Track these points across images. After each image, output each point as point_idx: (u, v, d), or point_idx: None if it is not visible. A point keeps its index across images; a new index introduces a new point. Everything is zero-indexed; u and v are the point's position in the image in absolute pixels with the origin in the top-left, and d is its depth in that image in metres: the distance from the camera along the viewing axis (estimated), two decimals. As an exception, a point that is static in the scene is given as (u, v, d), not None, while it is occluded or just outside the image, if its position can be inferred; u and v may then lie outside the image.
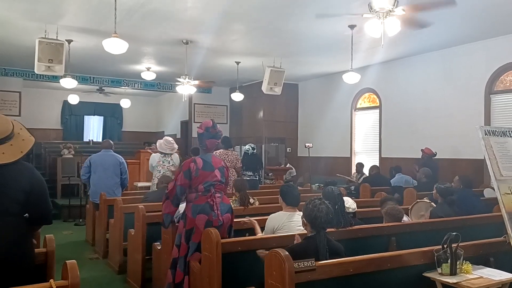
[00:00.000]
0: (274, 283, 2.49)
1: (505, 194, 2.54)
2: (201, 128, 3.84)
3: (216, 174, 3.77)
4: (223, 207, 3.75)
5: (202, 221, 3.62)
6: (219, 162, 3.89)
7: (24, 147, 2.45)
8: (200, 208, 3.66)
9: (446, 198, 4.73)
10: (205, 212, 3.65)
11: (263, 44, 8.26)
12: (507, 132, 2.89)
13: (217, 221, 3.64)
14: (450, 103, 8.36)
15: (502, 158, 2.72)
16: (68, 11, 6.50)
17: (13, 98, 11.35)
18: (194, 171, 3.70)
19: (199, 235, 3.57)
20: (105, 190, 6.55)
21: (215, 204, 3.68)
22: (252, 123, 12.88)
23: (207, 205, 3.67)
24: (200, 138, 3.86)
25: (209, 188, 3.71)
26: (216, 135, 3.87)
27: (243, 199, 5.09)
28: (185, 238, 3.68)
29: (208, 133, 3.82)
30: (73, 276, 2.12)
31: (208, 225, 3.58)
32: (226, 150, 7.28)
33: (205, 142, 3.83)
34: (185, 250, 3.67)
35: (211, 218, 3.63)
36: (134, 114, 16.96)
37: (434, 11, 5.63)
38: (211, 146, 3.87)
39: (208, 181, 3.72)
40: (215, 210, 3.66)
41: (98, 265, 5.95)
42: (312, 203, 2.99)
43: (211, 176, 3.74)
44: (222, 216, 3.69)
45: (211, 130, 3.84)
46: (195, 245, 3.61)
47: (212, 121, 3.89)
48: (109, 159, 6.85)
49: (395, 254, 3.00)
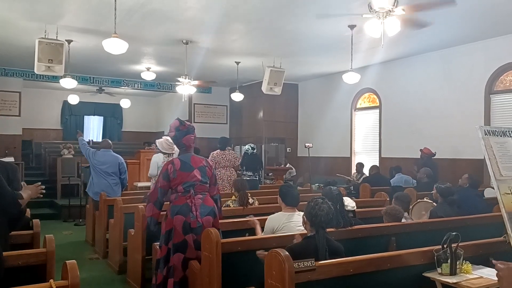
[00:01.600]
0: (274, 283, 2.49)
1: (505, 194, 2.54)
2: (172, 131, 3.83)
3: (195, 174, 3.72)
4: (203, 209, 3.68)
5: (179, 222, 3.59)
6: (200, 161, 3.84)
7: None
8: (178, 209, 3.63)
9: (446, 198, 4.73)
10: (182, 213, 3.61)
11: (263, 44, 8.26)
12: (507, 132, 2.89)
13: (195, 223, 3.60)
14: (450, 103, 8.36)
15: (502, 158, 2.72)
16: (68, 11, 6.50)
17: (13, 98, 11.34)
18: (172, 172, 3.67)
19: (178, 236, 3.56)
20: (104, 189, 6.58)
21: (193, 205, 3.63)
22: (252, 123, 12.88)
23: (185, 206, 3.63)
24: (175, 140, 3.84)
25: (189, 189, 3.67)
26: (188, 131, 3.84)
27: (242, 199, 5.08)
28: (165, 239, 3.66)
29: (179, 132, 3.81)
30: (73, 276, 2.12)
31: (186, 226, 3.57)
32: (223, 151, 7.28)
33: (182, 142, 3.81)
34: (165, 251, 3.64)
35: (188, 220, 3.59)
36: (134, 114, 16.96)
37: (433, 11, 5.63)
38: (189, 142, 3.83)
39: (187, 181, 3.68)
40: (193, 211, 3.61)
41: (98, 265, 5.95)
42: (314, 201, 3.02)
43: (190, 177, 3.70)
44: (202, 218, 3.63)
45: (180, 128, 3.83)
46: (175, 246, 3.59)
47: (178, 120, 3.89)
48: (109, 159, 6.86)
49: (395, 254, 3.00)
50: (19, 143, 11.73)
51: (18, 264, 2.63)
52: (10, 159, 10.00)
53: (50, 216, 9.46)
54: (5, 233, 2.55)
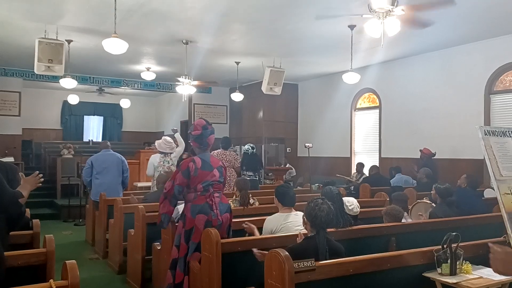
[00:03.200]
0: (274, 283, 2.49)
1: (505, 194, 2.54)
2: (198, 130, 3.82)
3: (215, 174, 3.78)
4: (222, 207, 3.75)
5: (201, 221, 3.62)
6: (217, 162, 3.91)
7: None
8: (199, 208, 3.65)
9: (445, 198, 4.73)
10: (204, 212, 3.64)
11: (263, 44, 8.26)
12: (507, 132, 2.89)
13: (217, 221, 3.65)
14: (449, 103, 8.36)
15: (501, 158, 2.72)
16: (68, 11, 6.50)
17: (13, 98, 11.34)
18: (193, 170, 3.69)
19: (198, 235, 3.56)
20: (109, 189, 6.56)
21: (214, 203, 3.68)
22: (252, 123, 12.88)
23: (207, 205, 3.67)
24: (200, 138, 3.83)
25: (208, 187, 3.71)
26: (213, 131, 3.90)
27: (243, 199, 5.08)
28: (184, 238, 3.68)
29: (206, 131, 3.83)
30: (73, 276, 2.12)
31: (208, 225, 3.58)
32: (224, 150, 7.27)
33: (206, 141, 3.83)
34: (185, 251, 3.66)
35: (210, 218, 3.63)
36: (134, 114, 16.97)
37: (433, 11, 5.64)
38: (211, 142, 3.89)
39: (207, 180, 3.72)
40: (214, 210, 3.66)
41: (97, 265, 5.95)
42: (314, 202, 3.02)
43: (210, 176, 3.74)
44: (221, 216, 3.70)
45: (208, 127, 3.86)
46: (194, 244, 3.61)
47: (204, 119, 3.92)
48: (111, 158, 6.88)
49: (395, 254, 3.00)
50: (19, 143, 11.74)
51: (18, 264, 2.63)
52: (10, 159, 10.01)
53: (50, 216, 9.46)
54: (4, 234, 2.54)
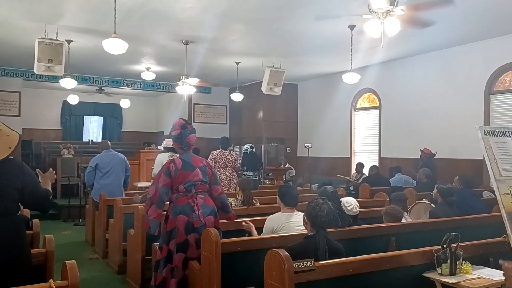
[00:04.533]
0: (274, 283, 2.49)
1: (505, 194, 2.54)
2: (177, 129, 3.80)
3: (197, 174, 3.73)
4: (205, 209, 3.69)
5: (182, 222, 3.59)
6: (200, 161, 3.87)
7: (11, 143, 2.46)
8: (180, 209, 3.62)
9: (446, 198, 4.73)
10: (185, 213, 3.61)
11: (263, 44, 8.26)
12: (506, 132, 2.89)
13: (198, 223, 3.61)
14: (449, 103, 8.36)
15: (501, 158, 2.72)
16: (68, 11, 6.50)
17: (12, 98, 11.33)
18: (174, 171, 3.67)
19: (180, 236, 3.56)
20: (114, 190, 6.56)
21: (196, 205, 3.64)
22: (252, 123, 12.88)
23: (188, 206, 3.63)
24: (180, 138, 3.80)
25: (190, 188, 3.68)
26: (192, 130, 3.86)
27: (247, 199, 5.09)
28: (165, 239, 3.66)
29: (185, 130, 3.80)
30: (73, 276, 2.12)
31: (188, 226, 3.57)
32: (223, 150, 7.28)
33: (186, 141, 3.80)
34: (166, 252, 3.64)
35: (191, 219, 3.60)
36: (134, 114, 16.95)
37: (433, 11, 5.64)
38: (192, 141, 3.84)
39: (189, 180, 3.69)
40: (196, 211, 3.62)
41: (97, 265, 5.94)
42: (314, 202, 3.03)
43: (192, 176, 3.71)
44: (204, 218, 3.65)
45: (187, 126, 3.84)
46: (177, 245, 3.59)
47: (183, 119, 3.90)
48: (115, 159, 6.86)
49: (395, 254, 3.00)
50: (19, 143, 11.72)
51: (17, 264, 2.62)
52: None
53: (49, 216, 9.40)
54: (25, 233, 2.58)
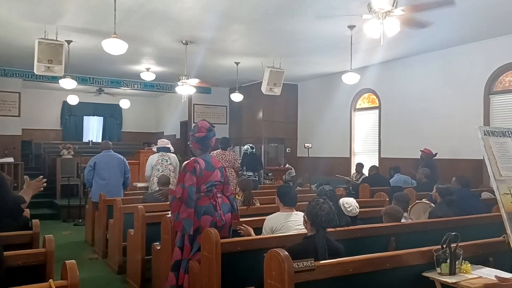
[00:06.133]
0: (274, 283, 2.49)
1: (504, 194, 2.55)
2: (202, 132, 3.84)
3: (216, 174, 3.81)
4: (224, 207, 3.78)
5: (207, 222, 3.63)
6: (218, 163, 3.95)
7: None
8: (204, 209, 3.67)
9: (445, 198, 4.73)
10: (209, 213, 3.67)
11: (262, 44, 8.26)
12: (506, 133, 2.90)
13: (221, 221, 3.68)
14: (449, 103, 8.37)
15: (501, 158, 2.73)
16: (68, 12, 6.50)
17: (12, 99, 11.33)
18: (198, 171, 3.71)
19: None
20: (112, 190, 6.56)
21: (217, 204, 3.71)
22: (252, 124, 12.88)
23: (211, 206, 3.70)
24: (203, 140, 3.85)
25: (211, 188, 3.75)
26: (215, 133, 3.96)
27: (247, 199, 5.10)
28: (189, 239, 3.68)
29: (210, 133, 3.88)
30: (73, 276, 2.12)
31: (212, 225, 3.59)
32: (223, 150, 7.28)
33: (209, 143, 3.88)
34: (189, 252, 3.68)
35: (215, 219, 3.66)
36: (134, 115, 16.96)
37: (433, 11, 5.63)
38: (213, 144, 3.95)
39: (210, 181, 3.75)
40: (218, 210, 3.69)
41: (97, 265, 5.95)
42: (315, 201, 3.04)
43: (212, 176, 3.77)
44: (224, 216, 3.73)
45: (212, 129, 3.91)
46: (198, 245, 3.61)
47: (207, 121, 3.96)
48: (113, 159, 6.87)
49: (395, 254, 2.99)
50: (19, 143, 11.73)
51: (17, 264, 2.63)
52: (9, 160, 10.02)
53: (49, 216, 9.45)
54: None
